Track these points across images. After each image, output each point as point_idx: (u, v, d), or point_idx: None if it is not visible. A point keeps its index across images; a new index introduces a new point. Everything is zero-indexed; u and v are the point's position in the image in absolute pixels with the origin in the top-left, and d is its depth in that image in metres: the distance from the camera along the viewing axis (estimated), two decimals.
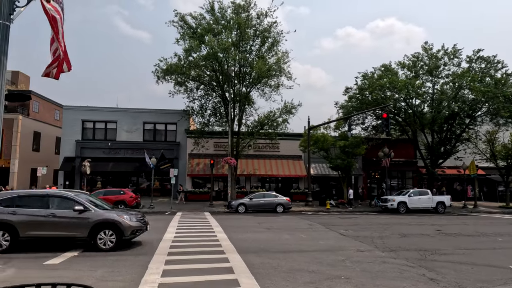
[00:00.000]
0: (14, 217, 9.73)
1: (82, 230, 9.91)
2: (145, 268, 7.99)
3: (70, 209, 10.07)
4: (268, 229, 14.97)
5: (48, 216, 9.88)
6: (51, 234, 9.91)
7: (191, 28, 27.67)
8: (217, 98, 29.64)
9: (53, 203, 10.20)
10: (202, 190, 32.33)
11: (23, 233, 9.71)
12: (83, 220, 9.95)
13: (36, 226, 9.80)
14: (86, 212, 10.08)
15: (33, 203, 10.13)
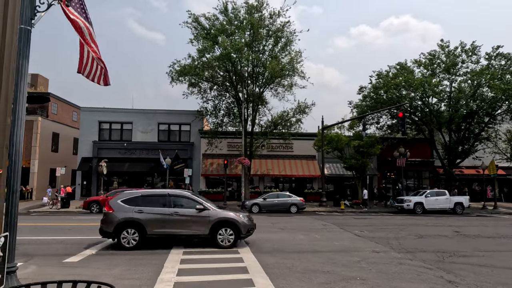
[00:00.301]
0: (141, 215, 10.11)
1: (204, 228, 10.28)
2: (161, 267, 8.09)
3: (190, 208, 10.45)
4: (282, 229, 14.95)
5: (172, 215, 10.26)
6: (175, 232, 10.28)
7: (205, 29, 27.89)
8: (230, 98, 29.77)
9: (174, 202, 10.57)
10: (216, 190, 32.51)
11: (150, 231, 10.09)
12: (204, 218, 10.33)
13: (161, 224, 10.17)
14: (206, 211, 10.44)
15: (155, 202, 10.51)
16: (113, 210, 10.24)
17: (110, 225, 10.06)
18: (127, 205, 10.29)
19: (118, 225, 10.00)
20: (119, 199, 10.48)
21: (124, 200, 10.42)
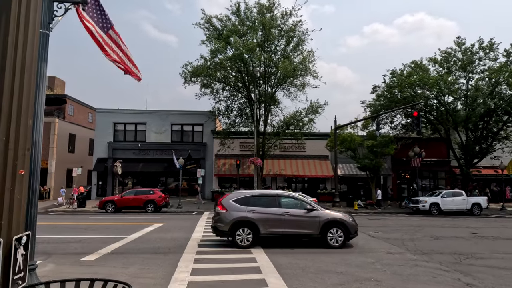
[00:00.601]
0: (253, 215, 10.41)
1: (314, 228, 10.50)
2: (175, 266, 8.18)
3: (299, 208, 10.70)
4: None
5: (283, 215, 10.49)
6: (287, 232, 10.51)
7: (217, 30, 28.05)
8: (242, 98, 29.85)
9: (283, 203, 10.80)
10: (228, 190, 32.62)
11: (263, 230, 10.36)
12: (314, 219, 10.55)
13: (274, 224, 10.43)
14: (315, 211, 10.67)
15: (265, 202, 10.78)
16: (227, 209, 10.51)
17: (225, 224, 10.35)
18: (239, 204, 10.56)
19: (233, 224, 10.28)
20: (230, 199, 10.75)
21: (236, 200, 10.70)
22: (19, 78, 1.73)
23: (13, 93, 1.68)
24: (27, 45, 1.75)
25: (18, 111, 1.72)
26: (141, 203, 22.83)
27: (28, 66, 1.80)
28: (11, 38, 1.63)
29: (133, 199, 23.03)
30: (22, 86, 1.76)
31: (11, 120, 1.68)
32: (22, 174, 1.79)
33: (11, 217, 1.69)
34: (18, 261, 1.76)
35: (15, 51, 1.69)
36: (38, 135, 4.37)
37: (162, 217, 19.53)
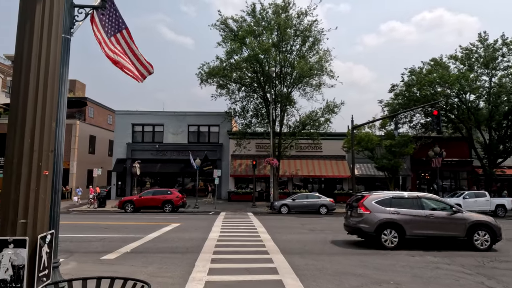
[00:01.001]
0: (397, 216, 10.46)
1: (460, 230, 10.46)
2: (192, 266, 8.26)
3: (442, 210, 10.71)
4: (311, 230, 14.80)
5: (428, 217, 10.51)
6: (433, 234, 10.49)
7: (232, 31, 28.21)
8: (258, 99, 29.91)
9: (425, 204, 10.81)
10: (244, 191, 32.75)
11: (409, 232, 10.39)
12: (460, 221, 10.52)
13: (419, 226, 10.44)
14: (459, 213, 10.71)
15: (406, 204, 10.79)
16: (370, 211, 10.58)
17: (370, 225, 10.40)
18: (381, 206, 10.61)
19: (379, 225, 10.33)
20: (372, 201, 10.78)
21: (378, 202, 10.74)
22: (43, 83, 1.81)
23: (37, 98, 1.75)
24: (50, 50, 1.82)
25: (42, 114, 1.79)
26: (159, 203, 23.19)
27: (52, 70, 1.87)
28: (36, 43, 1.70)
29: (151, 199, 23.42)
30: (46, 90, 1.83)
31: (35, 123, 1.75)
32: (46, 175, 1.85)
33: (36, 216, 1.76)
34: (42, 259, 1.82)
35: (39, 57, 1.76)
36: (60, 137, 4.51)
37: (179, 217, 19.78)
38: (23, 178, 1.72)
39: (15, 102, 1.85)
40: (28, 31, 1.75)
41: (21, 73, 1.85)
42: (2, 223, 1.70)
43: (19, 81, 1.83)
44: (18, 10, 1.84)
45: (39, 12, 1.73)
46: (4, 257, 1.66)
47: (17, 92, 1.83)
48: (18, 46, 1.86)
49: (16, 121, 1.75)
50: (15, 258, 1.68)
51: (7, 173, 1.76)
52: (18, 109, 1.77)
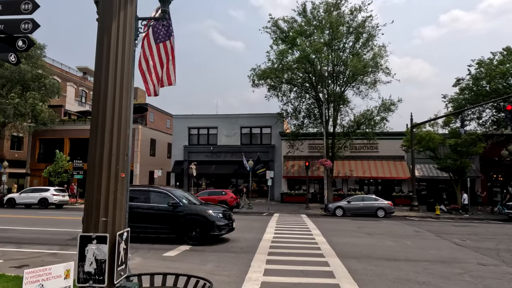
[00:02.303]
0: None
1: None
2: (248, 266, 8.39)
3: None
4: (369, 234, 14.22)
5: None
6: None
7: (283, 32, 28.22)
8: (310, 99, 29.55)
9: None
10: (297, 192, 32.52)
11: None
12: None
13: None
14: None
15: None
16: None
17: None
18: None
19: None
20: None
21: None
22: (119, 92, 1.98)
23: (114, 106, 1.93)
24: (124, 63, 1.99)
25: (119, 121, 1.97)
26: (214, 203, 23.92)
27: (126, 82, 2.04)
28: (112, 58, 1.88)
29: (207, 199, 24.23)
30: (122, 99, 2.01)
31: (113, 129, 1.92)
32: (123, 177, 2.03)
33: (115, 215, 1.93)
34: (120, 254, 2.00)
35: (115, 70, 1.94)
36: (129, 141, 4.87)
37: (234, 217, 20.19)
38: (104, 180, 1.91)
39: (96, 111, 2.05)
40: (106, 46, 1.94)
41: (101, 85, 2.05)
42: (86, 220, 1.90)
43: (99, 92, 2.03)
44: (97, 29, 2.03)
45: (115, 27, 1.91)
46: (89, 252, 1.85)
47: (97, 102, 2.03)
48: (98, 60, 2.06)
49: (97, 128, 1.95)
50: (98, 253, 1.87)
51: (90, 176, 1.96)
52: (98, 117, 1.97)
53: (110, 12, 1.96)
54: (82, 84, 50.09)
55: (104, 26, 1.95)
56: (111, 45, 1.94)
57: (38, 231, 13.67)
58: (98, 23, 1.99)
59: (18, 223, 16.03)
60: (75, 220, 17.78)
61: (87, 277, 1.85)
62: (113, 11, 1.94)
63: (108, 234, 1.94)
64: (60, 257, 9.15)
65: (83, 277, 1.89)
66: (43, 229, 14.36)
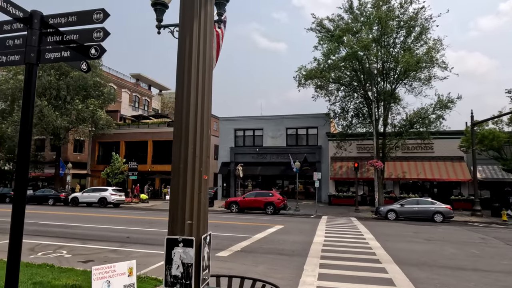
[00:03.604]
0: None
1: None
2: (301, 269, 8.22)
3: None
4: (427, 240, 13.33)
5: None
6: None
7: (329, 31, 27.58)
8: (359, 98, 28.53)
9: None
10: (346, 194, 31.56)
11: None
12: None
13: None
14: None
15: None
16: None
17: None
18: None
19: None
20: None
21: None
22: (201, 94, 1.96)
23: (197, 107, 1.92)
24: (206, 61, 1.98)
25: (201, 122, 1.96)
26: (261, 204, 24.00)
27: (207, 86, 2.02)
28: (194, 57, 1.88)
29: (254, 200, 24.38)
30: (204, 101, 1.99)
31: (196, 131, 1.91)
32: (206, 179, 2.01)
33: (199, 218, 1.92)
34: (205, 258, 1.97)
35: (197, 69, 1.94)
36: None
37: (281, 219, 20.09)
38: (188, 183, 1.90)
39: (179, 113, 2.06)
40: (188, 48, 1.93)
41: (184, 87, 2.05)
42: (171, 223, 1.90)
43: (182, 94, 2.03)
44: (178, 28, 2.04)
45: (196, 30, 1.91)
46: (176, 255, 1.85)
47: (180, 103, 2.04)
48: (180, 61, 2.07)
49: (181, 130, 1.95)
50: (184, 257, 1.86)
51: (174, 178, 1.97)
52: (182, 119, 1.97)
53: (191, 12, 1.95)
54: (135, 90, 53.07)
55: (185, 26, 1.95)
56: (193, 45, 1.93)
57: (99, 229, 14.61)
58: (179, 24, 2.00)
59: (82, 221, 17.28)
60: (131, 219, 18.79)
61: (174, 281, 1.84)
62: (194, 11, 1.93)
63: (193, 237, 1.92)
64: (120, 253, 9.66)
65: (170, 280, 1.88)
66: (104, 226, 15.33)
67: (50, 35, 3.48)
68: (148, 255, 9.51)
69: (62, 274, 6.64)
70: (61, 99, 32.18)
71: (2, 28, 3.53)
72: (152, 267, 8.11)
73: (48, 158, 38.86)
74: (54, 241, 11.42)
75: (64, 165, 34.77)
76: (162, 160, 37.65)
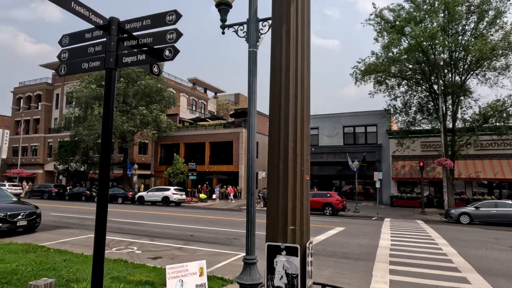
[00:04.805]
0: None
1: None
2: (369, 274, 7.76)
3: None
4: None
5: None
6: None
7: (389, 22, 26.06)
8: (423, 92, 26.58)
9: None
10: (409, 196, 29.61)
11: None
12: None
13: None
14: None
15: None
16: None
17: None
18: None
19: None
20: None
21: None
22: (301, 84, 1.81)
23: (297, 98, 1.76)
24: (304, 50, 1.84)
25: (302, 115, 1.80)
26: (319, 205, 23.43)
27: (306, 77, 1.85)
28: (293, 45, 1.73)
29: (312, 201, 23.87)
30: (303, 90, 1.84)
31: (297, 125, 1.76)
32: (307, 179, 1.85)
33: (302, 223, 1.76)
34: (309, 268, 1.81)
35: (295, 59, 1.78)
36: (253, 143, 4.88)
37: (341, 221, 19.41)
38: (290, 184, 1.74)
39: (277, 110, 1.92)
40: (285, 35, 1.78)
41: (282, 75, 1.91)
42: (271, 228, 1.77)
43: (280, 89, 1.89)
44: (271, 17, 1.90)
45: (293, 18, 1.76)
46: (278, 264, 1.70)
47: (277, 99, 1.90)
48: (275, 49, 1.93)
49: (279, 126, 1.80)
50: (288, 266, 1.70)
51: (273, 179, 1.83)
52: (280, 115, 1.81)
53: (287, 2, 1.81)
54: (193, 94, 55.31)
55: (281, 14, 1.81)
56: (291, 33, 1.77)
57: (164, 226, 15.33)
58: (272, 14, 1.87)
59: (148, 218, 18.31)
60: (192, 217, 19.48)
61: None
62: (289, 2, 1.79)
63: (298, 244, 1.75)
64: (185, 251, 9.98)
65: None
66: (168, 224, 16.07)
67: (126, 40, 3.60)
68: (211, 253, 9.69)
69: (135, 270, 6.98)
70: (128, 105, 34.63)
71: (84, 36, 3.74)
72: (217, 266, 8.22)
73: (116, 160, 42.04)
74: (125, 237, 12.19)
75: (131, 166, 37.32)
76: (219, 161, 38.69)
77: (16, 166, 50.71)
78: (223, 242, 11.50)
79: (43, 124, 52.13)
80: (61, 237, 11.91)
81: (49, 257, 7.78)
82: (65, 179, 46.52)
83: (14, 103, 55.78)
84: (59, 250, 8.82)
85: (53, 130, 51.55)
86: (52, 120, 52.73)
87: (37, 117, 53.03)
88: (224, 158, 38.80)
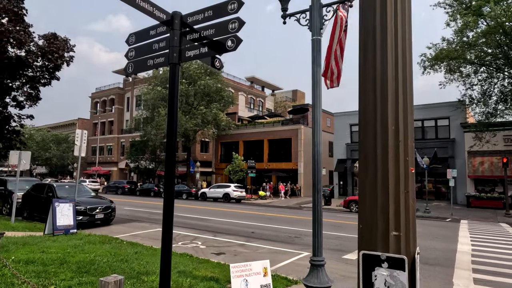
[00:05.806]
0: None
1: None
2: (448, 282, 6.98)
3: None
4: None
5: None
6: None
7: (463, 3, 23.54)
8: (505, 79, 23.59)
9: None
10: (490, 195, 26.55)
11: None
12: None
13: None
14: None
15: None
16: None
17: None
18: None
19: None
20: None
21: None
22: (402, 50, 1.51)
23: (397, 67, 1.44)
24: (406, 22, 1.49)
25: (404, 91, 1.48)
26: None
27: (407, 53, 1.51)
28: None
29: None
30: (405, 58, 1.52)
31: (398, 103, 1.45)
32: (412, 173, 1.52)
33: (408, 227, 1.43)
34: (418, 285, 1.44)
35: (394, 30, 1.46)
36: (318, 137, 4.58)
37: None
38: (390, 178, 1.42)
39: (371, 84, 1.61)
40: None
41: (376, 44, 1.62)
42: (366, 233, 1.47)
43: (374, 55, 1.59)
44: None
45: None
46: (378, 279, 1.37)
47: (372, 69, 1.59)
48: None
49: (375, 104, 1.49)
50: (392, 282, 1.36)
51: (368, 170, 1.50)
52: (376, 89, 1.51)
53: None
54: (251, 92, 56.01)
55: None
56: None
57: (226, 222, 15.62)
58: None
59: (211, 214, 18.85)
60: (253, 214, 19.62)
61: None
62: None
63: (404, 255, 1.42)
64: (247, 248, 9.98)
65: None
66: (229, 220, 16.35)
67: (189, 34, 3.55)
68: (272, 251, 9.56)
69: (200, 265, 7.09)
70: (189, 105, 36.17)
71: (149, 33, 3.77)
72: (279, 265, 8.05)
73: (180, 158, 44.23)
74: (190, 232, 12.63)
75: (194, 164, 38.97)
76: (277, 158, 38.60)
77: (95, 164, 56.13)
78: (284, 240, 11.31)
79: (117, 125, 56.89)
80: (133, 230, 12.73)
81: (122, 249, 8.28)
82: (136, 176, 50.32)
83: (92, 107, 61.80)
84: (131, 242, 9.38)
85: (125, 131, 56.00)
86: (124, 122, 57.33)
87: (111, 119, 58.06)
88: (283, 155, 38.63)
